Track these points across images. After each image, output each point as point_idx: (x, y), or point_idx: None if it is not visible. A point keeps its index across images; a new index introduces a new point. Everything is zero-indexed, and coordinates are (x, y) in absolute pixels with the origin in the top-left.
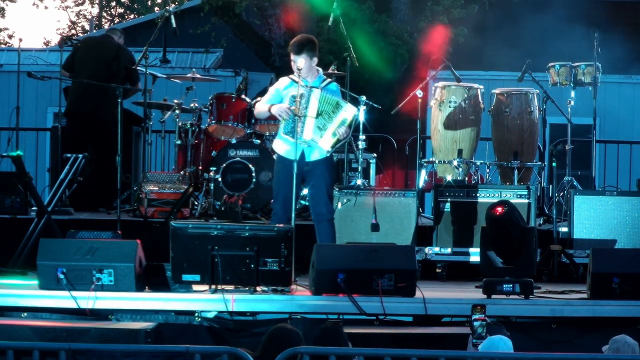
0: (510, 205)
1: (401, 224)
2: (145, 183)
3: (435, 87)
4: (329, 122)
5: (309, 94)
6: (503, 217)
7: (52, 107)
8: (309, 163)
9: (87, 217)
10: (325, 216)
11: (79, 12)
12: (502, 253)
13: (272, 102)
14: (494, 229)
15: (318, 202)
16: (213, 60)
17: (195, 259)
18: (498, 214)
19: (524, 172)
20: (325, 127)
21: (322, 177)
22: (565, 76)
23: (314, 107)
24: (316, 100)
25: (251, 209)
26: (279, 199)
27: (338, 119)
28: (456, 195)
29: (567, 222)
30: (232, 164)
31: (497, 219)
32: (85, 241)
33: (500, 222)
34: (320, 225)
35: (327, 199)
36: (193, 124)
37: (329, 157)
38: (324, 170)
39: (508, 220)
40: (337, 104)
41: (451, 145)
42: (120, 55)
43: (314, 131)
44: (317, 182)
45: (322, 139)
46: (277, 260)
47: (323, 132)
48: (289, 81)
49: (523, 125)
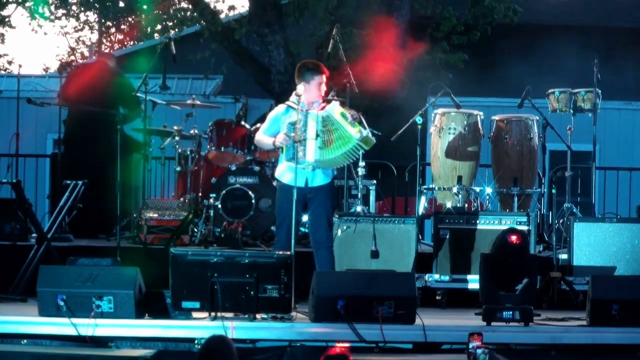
0: (525, 236)
1: (401, 251)
2: (144, 210)
3: (435, 113)
4: (340, 129)
5: (305, 118)
6: (519, 246)
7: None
8: (312, 189)
9: (87, 243)
10: (324, 244)
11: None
12: (502, 279)
13: (272, 131)
14: (505, 255)
15: (318, 229)
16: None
17: (195, 286)
18: (514, 243)
19: (523, 198)
20: (331, 140)
21: (323, 204)
22: (565, 103)
23: (312, 129)
24: (313, 121)
25: (251, 235)
26: (284, 227)
27: (340, 119)
28: (456, 222)
29: (567, 249)
30: (232, 190)
31: (513, 248)
32: (85, 268)
33: (516, 250)
34: (319, 252)
35: (327, 227)
36: (193, 150)
37: (331, 184)
38: (325, 198)
39: (523, 249)
40: (325, 118)
41: (451, 172)
42: (116, 81)
43: (315, 152)
44: (317, 209)
45: (353, 136)
46: (276, 287)
47: (337, 143)
48: (285, 107)
49: (523, 151)
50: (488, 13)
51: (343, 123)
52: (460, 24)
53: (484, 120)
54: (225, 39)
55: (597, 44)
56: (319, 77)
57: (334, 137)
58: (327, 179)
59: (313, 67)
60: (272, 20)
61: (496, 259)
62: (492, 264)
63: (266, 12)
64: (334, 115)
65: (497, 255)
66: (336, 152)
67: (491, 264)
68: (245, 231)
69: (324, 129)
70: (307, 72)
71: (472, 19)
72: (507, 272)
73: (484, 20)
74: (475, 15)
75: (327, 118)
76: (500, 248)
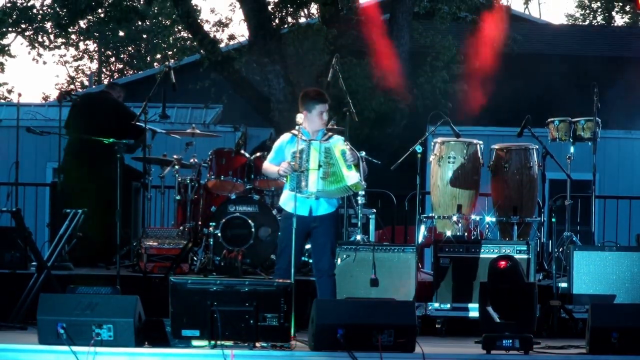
0: (514, 260)
1: (400, 280)
2: (144, 238)
3: (435, 142)
4: (336, 166)
5: (309, 148)
6: (507, 271)
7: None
8: (316, 218)
9: (87, 272)
10: (327, 272)
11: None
12: (502, 308)
13: (277, 160)
14: (496, 283)
15: (321, 258)
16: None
17: (194, 314)
18: (502, 268)
19: (523, 227)
20: (328, 173)
21: (328, 233)
22: (565, 131)
23: (315, 159)
24: (315, 151)
25: (251, 264)
26: (285, 255)
27: (338, 156)
28: (456, 250)
29: (567, 277)
30: (231, 219)
31: (500, 273)
32: (85, 296)
33: (504, 276)
34: (321, 280)
35: (330, 255)
36: (192, 179)
37: (335, 212)
38: (330, 226)
39: (511, 274)
40: (327, 149)
41: (450, 200)
42: (118, 112)
43: (317, 182)
44: (321, 238)
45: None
46: (276, 315)
47: (331, 179)
48: (290, 136)
49: (522, 180)
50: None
51: (340, 162)
52: (460, 54)
53: (484, 149)
54: (225, 69)
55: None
56: (320, 105)
57: (330, 171)
58: (332, 208)
59: (314, 95)
60: (272, 50)
61: (490, 287)
62: (490, 292)
63: (266, 41)
64: (334, 150)
65: (490, 283)
66: (331, 186)
67: (489, 292)
68: (245, 259)
69: (325, 160)
70: (309, 100)
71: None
72: (503, 300)
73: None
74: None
75: (329, 150)
76: (492, 276)
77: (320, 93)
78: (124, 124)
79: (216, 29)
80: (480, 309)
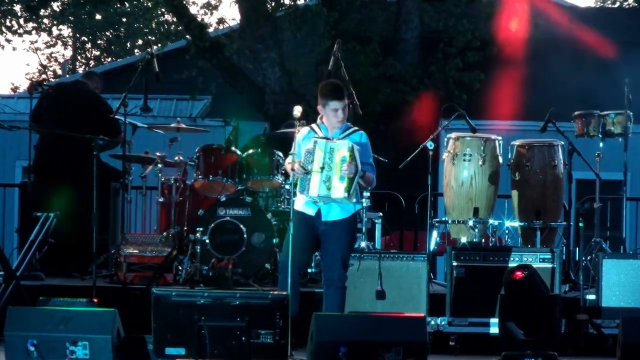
0: (530, 269)
1: (410, 292)
2: (124, 245)
3: (448, 138)
4: (331, 172)
5: (314, 147)
6: (523, 283)
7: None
8: (326, 223)
9: (60, 282)
10: (336, 283)
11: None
12: (523, 323)
13: (299, 157)
14: (513, 296)
15: (330, 266)
16: (200, 108)
17: (179, 331)
18: (517, 279)
19: (547, 233)
20: (330, 179)
21: (339, 240)
22: (593, 126)
23: (318, 161)
24: (320, 151)
25: (243, 274)
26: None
27: (337, 162)
28: (472, 259)
29: (595, 288)
30: (221, 224)
31: (516, 284)
32: (58, 310)
33: (520, 287)
34: (328, 291)
35: (341, 265)
36: (177, 179)
37: (350, 218)
38: (342, 233)
39: (528, 286)
40: (331, 150)
41: (466, 203)
42: (95, 104)
43: (319, 187)
44: (332, 245)
45: (331, 190)
46: (271, 332)
47: (329, 184)
48: (307, 130)
49: (546, 180)
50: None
51: (336, 169)
52: (476, 40)
53: (503, 146)
54: (214, 56)
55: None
56: (333, 102)
57: (331, 175)
58: (346, 213)
59: (327, 91)
60: (267, 35)
61: (507, 301)
62: (510, 306)
63: (259, 25)
64: (335, 154)
65: (507, 296)
66: (329, 192)
67: (509, 306)
68: (236, 269)
69: (329, 162)
70: (322, 96)
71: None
72: (524, 314)
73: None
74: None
75: (333, 152)
76: (508, 288)
77: (336, 88)
78: (102, 118)
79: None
80: (499, 325)
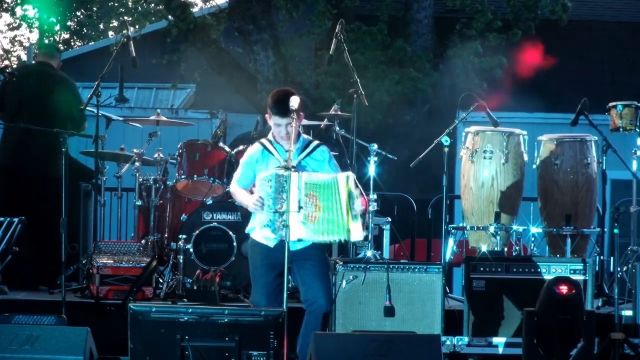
0: (577, 284)
1: (423, 307)
2: (96, 255)
3: (467, 132)
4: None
5: (286, 181)
6: (571, 300)
7: None
8: (296, 253)
9: (25, 297)
10: (322, 307)
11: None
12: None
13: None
14: (555, 314)
15: (310, 286)
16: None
17: (160, 352)
18: (564, 294)
19: (578, 240)
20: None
21: (317, 260)
22: (630, 119)
23: (294, 199)
24: (296, 188)
25: (231, 287)
26: (258, 288)
27: (344, 196)
28: (493, 270)
29: (632, 303)
30: (207, 230)
31: (563, 301)
32: (23, 327)
33: (567, 305)
34: (310, 317)
35: (324, 285)
36: (157, 179)
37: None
38: (319, 252)
39: (575, 303)
40: (326, 185)
41: (486, 207)
42: (65, 89)
43: (298, 228)
44: (312, 268)
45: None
46: (264, 353)
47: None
48: (260, 149)
49: (578, 181)
50: (532, 7)
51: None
52: (497, 20)
53: (529, 142)
54: (199, 39)
55: None
56: (275, 117)
57: (320, 215)
58: None
59: (272, 102)
60: (259, 15)
61: (543, 317)
62: (538, 323)
63: (251, 4)
64: (338, 187)
65: (543, 312)
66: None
67: (537, 323)
68: (224, 282)
69: (306, 198)
70: (268, 105)
71: (512, 14)
72: (556, 333)
73: (527, 16)
74: (516, 9)
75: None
76: (547, 303)
77: (282, 101)
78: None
79: None
80: (524, 344)
